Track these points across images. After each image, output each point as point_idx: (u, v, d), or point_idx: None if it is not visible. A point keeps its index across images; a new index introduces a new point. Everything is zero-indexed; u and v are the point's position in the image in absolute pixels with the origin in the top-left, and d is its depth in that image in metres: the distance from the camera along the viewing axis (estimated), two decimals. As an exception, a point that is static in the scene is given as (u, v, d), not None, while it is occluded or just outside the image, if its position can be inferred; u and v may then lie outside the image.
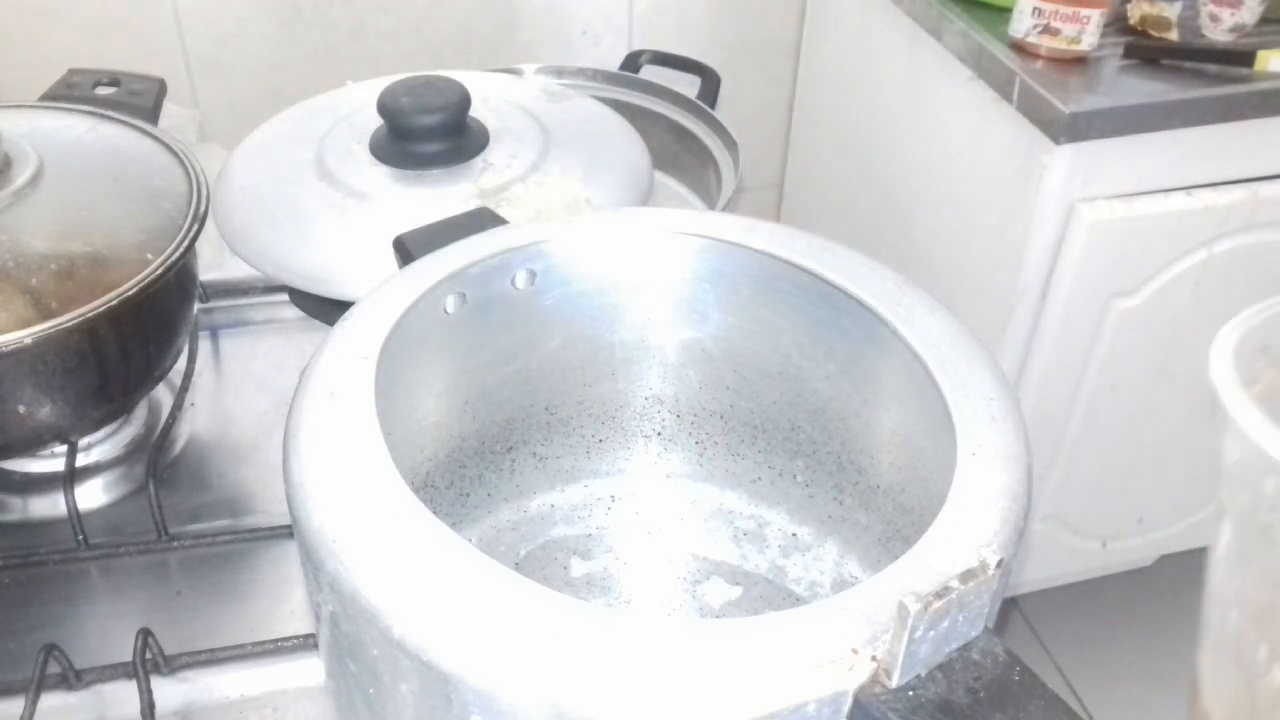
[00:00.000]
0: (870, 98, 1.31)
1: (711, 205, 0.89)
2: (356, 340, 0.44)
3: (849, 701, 0.32)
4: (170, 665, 0.55)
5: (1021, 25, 1.02)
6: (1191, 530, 1.33)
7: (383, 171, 0.69)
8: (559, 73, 1.00)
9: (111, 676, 0.54)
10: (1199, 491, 1.28)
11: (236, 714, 0.54)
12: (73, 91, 0.73)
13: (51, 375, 0.57)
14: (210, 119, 1.26)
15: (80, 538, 0.61)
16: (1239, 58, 1.02)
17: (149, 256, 0.59)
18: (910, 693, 0.32)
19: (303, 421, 0.41)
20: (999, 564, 0.33)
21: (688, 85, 1.00)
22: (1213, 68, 1.03)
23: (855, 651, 0.32)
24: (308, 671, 0.55)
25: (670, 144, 0.95)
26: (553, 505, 0.59)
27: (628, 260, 0.53)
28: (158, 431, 0.68)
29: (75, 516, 0.61)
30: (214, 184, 0.69)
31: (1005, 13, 1.06)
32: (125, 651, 0.54)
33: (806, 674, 0.32)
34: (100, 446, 0.68)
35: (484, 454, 0.56)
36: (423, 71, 0.73)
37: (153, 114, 0.73)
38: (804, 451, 0.55)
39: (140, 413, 0.71)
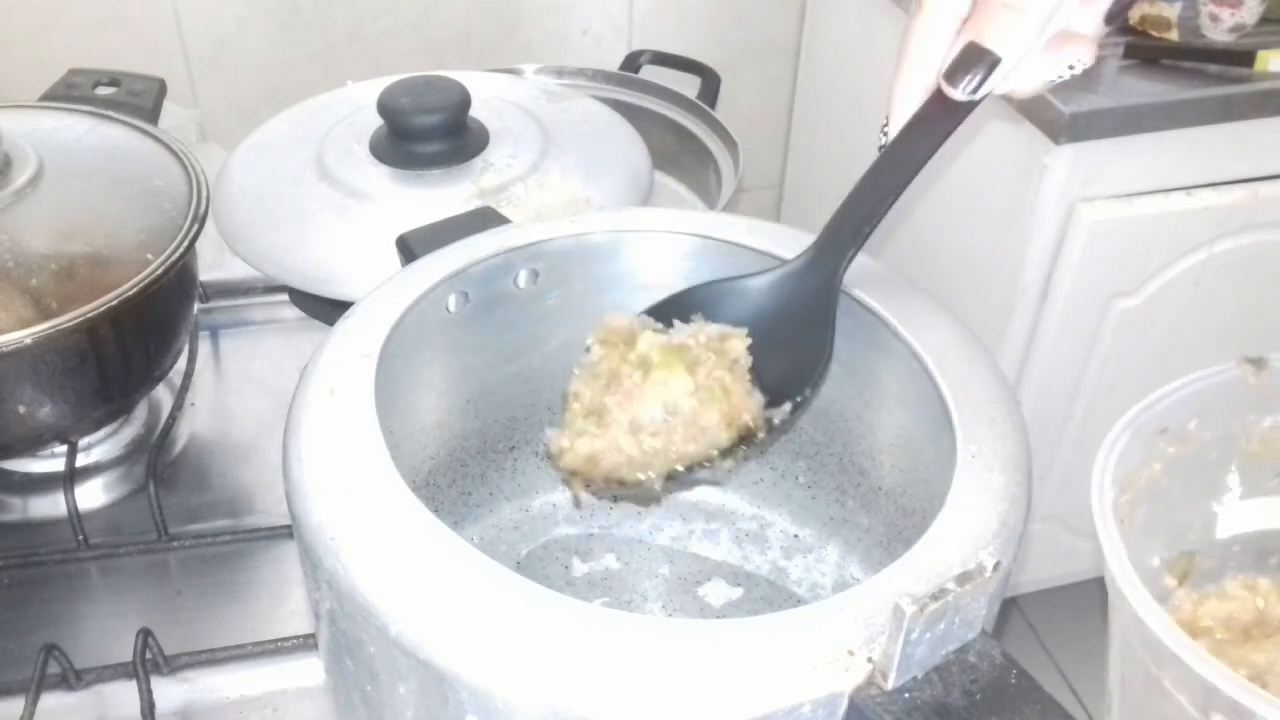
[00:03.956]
0: (870, 98, 1.31)
1: (711, 205, 0.89)
2: (357, 339, 0.44)
3: (844, 703, 0.32)
4: (170, 665, 0.55)
5: (1022, 25, 1.02)
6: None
7: (383, 171, 0.69)
8: (559, 73, 1.00)
9: (111, 676, 0.54)
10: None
11: (236, 714, 0.54)
12: (73, 91, 0.73)
13: (51, 375, 0.57)
14: (210, 119, 1.26)
15: (80, 538, 0.61)
16: (1239, 58, 1.02)
17: (149, 256, 0.59)
18: (906, 695, 0.32)
19: (303, 420, 0.41)
20: (996, 566, 0.33)
21: (688, 85, 1.00)
22: (1213, 68, 1.03)
23: (851, 653, 0.32)
24: (308, 671, 0.55)
25: (670, 144, 0.95)
26: (555, 504, 0.59)
27: (628, 260, 0.53)
28: (158, 431, 0.68)
29: (75, 516, 0.61)
30: (214, 184, 0.69)
31: (1006, 13, 1.06)
32: (125, 651, 0.54)
33: (802, 675, 0.32)
34: (100, 446, 0.68)
35: (486, 453, 0.56)
36: (423, 71, 0.73)
37: (153, 114, 0.73)
38: (806, 453, 0.55)
39: (140, 413, 0.71)
